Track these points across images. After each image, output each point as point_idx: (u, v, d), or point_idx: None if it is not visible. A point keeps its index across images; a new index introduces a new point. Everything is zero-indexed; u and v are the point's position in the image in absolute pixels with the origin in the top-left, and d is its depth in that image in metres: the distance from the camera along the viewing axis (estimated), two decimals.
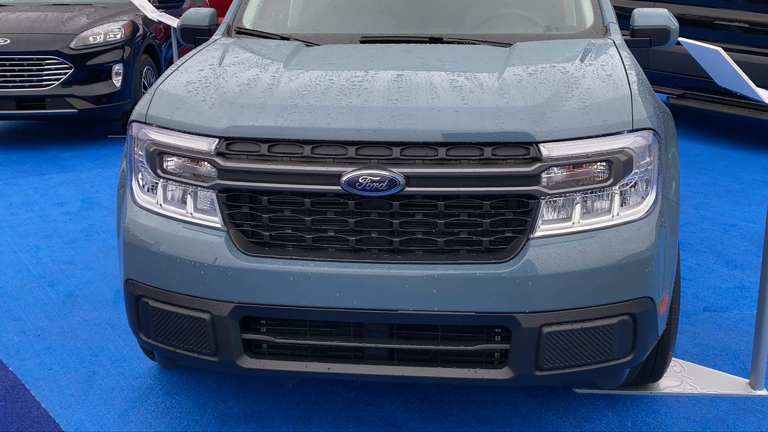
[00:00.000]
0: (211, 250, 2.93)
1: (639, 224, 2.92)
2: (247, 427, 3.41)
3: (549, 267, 2.81)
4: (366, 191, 2.79)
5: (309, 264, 2.86)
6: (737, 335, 4.21)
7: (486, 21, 4.25)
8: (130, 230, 3.10)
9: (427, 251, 2.88)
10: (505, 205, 2.85)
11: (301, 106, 2.97)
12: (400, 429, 3.39)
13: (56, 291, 4.81)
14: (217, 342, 2.96)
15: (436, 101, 2.95)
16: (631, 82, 3.15)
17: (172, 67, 3.50)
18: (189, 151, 2.97)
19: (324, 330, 2.97)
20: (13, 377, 3.83)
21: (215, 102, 3.06)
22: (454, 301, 2.82)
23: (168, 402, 3.60)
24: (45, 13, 8.72)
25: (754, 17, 8.22)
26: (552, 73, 3.20)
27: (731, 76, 3.35)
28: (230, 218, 2.94)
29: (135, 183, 3.17)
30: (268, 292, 2.88)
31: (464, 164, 2.80)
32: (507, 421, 3.45)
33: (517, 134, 2.81)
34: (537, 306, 2.81)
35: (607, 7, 4.14)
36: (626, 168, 2.89)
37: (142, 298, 3.07)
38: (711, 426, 3.41)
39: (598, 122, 2.90)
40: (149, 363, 3.92)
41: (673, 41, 4.13)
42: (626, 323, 2.90)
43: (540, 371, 2.89)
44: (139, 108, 3.19)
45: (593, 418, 3.46)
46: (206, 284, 2.93)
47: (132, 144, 3.17)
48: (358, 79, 3.17)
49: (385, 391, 3.66)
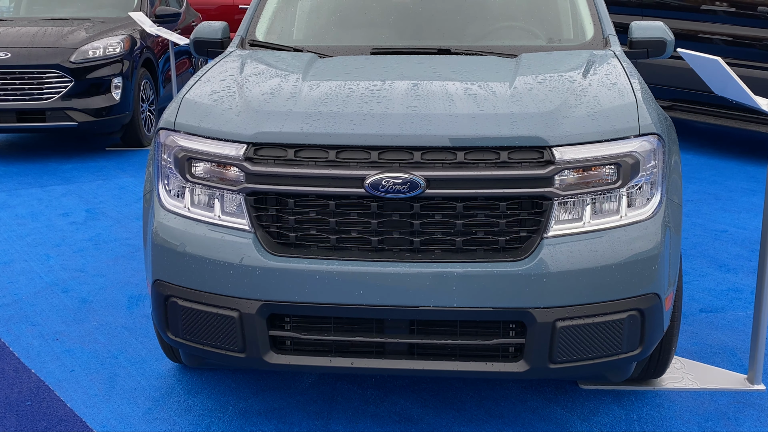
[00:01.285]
0: (239, 250, 3.06)
1: (645, 224, 3.08)
2: (269, 424, 3.54)
3: (562, 265, 2.97)
4: (389, 193, 2.94)
5: (334, 263, 3.00)
6: (733, 334, 4.38)
7: (489, 34, 4.41)
8: (159, 233, 3.23)
9: (446, 250, 3.03)
10: (520, 206, 3.00)
11: (325, 113, 3.12)
12: (416, 424, 3.53)
13: (70, 297, 4.92)
14: (244, 339, 3.09)
15: (453, 108, 3.11)
16: (635, 90, 3.32)
17: (195, 77, 3.64)
18: (218, 156, 3.11)
19: (346, 326, 3.11)
20: (37, 379, 3.94)
21: (241, 110, 3.21)
22: (473, 298, 2.97)
23: (190, 401, 3.72)
24: (44, 27, 8.84)
25: (735, 30, 8.46)
26: (560, 82, 3.37)
27: (729, 85, 3.53)
28: (257, 220, 3.08)
29: (162, 188, 3.30)
30: (295, 290, 3.01)
31: (481, 167, 2.96)
32: (518, 415, 3.59)
33: (531, 139, 2.98)
34: (551, 302, 2.97)
35: (606, 19, 4.32)
36: (633, 171, 3.05)
37: (170, 297, 3.20)
38: (712, 419, 3.57)
39: (607, 128, 3.06)
40: (169, 364, 4.04)
41: (669, 52, 4.31)
42: (634, 318, 3.06)
43: (554, 364, 3.04)
44: (167, 116, 3.33)
45: (600, 412, 3.61)
46: (234, 283, 3.06)
47: (159, 150, 3.30)
48: (376, 87, 3.32)
49: (399, 388, 3.80)
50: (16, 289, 5.07)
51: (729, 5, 8.54)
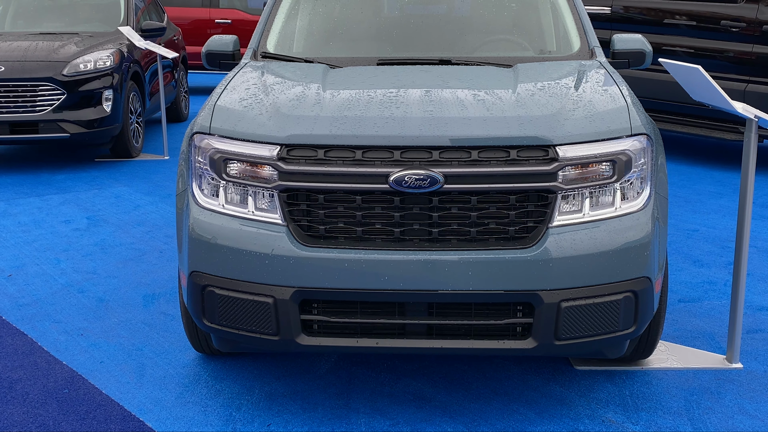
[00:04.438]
0: (273, 242, 3.38)
1: (638, 215, 3.45)
2: (294, 404, 3.84)
3: (566, 251, 3.32)
4: (411, 189, 3.28)
5: (361, 252, 3.33)
6: (710, 321, 4.77)
7: (482, 46, 4.77)
8: (195, 229, 3.53)
9: (462, 240, 3.37)
10: (528, 199, 3.36)
11: (350, 117, 3.45)
12: (429, 402, 3.85)
13: (87, 297, 5.18)
14: (278, 322, 3.40)
15: (466, 112, 3.46)
16: (625, 96, 3.70)
17: (221, 87, 3.94)
18: (252, 157, 3.43)
19: (370, 310, 3.43)
20: (69, 370, 4.20)
21: (272, 115, 3.53)
22: (487, 282, 3.31)
23: (218, 386, 4.01)
24: (35, 42, 9.07)
25: (697, 43, 8.96)
26: (558, 89, 3.73)
27: (708, 91, 3.91)
28: (290, 214, 3.40)
29: (196, 187, 3.60)
30: (325, 277, 3.33)
31: (494, 164, 3.31)
32: (521, 393, 3.93)
33: (537, 138, 3.33)
34: (556, 284, 3.32)
35: (591, 32, 4.70)
36: (627, 167, 3.42)
37: (207, 287, 3.50)
38: (697, 393, 3.93)
39: (603, 128, 3.44)
40: (193, 354, 4.33)
41: (648, 62, 4.70)
42: (629, 299, 3.42)
43: (559, 341, 3.38)
44: (201, 121, 3.63)
45: (595, 389, 3.97)
46: (269, 272, 3.37)
47: (194, 153, 3.61)
48: (393, 94, 3.66)
49: (410, 371, 4.12)
50: (33, 290, 5.32)
51: (690, 20, 9.05)
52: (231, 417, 3.73)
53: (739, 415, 3.74)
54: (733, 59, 8.71)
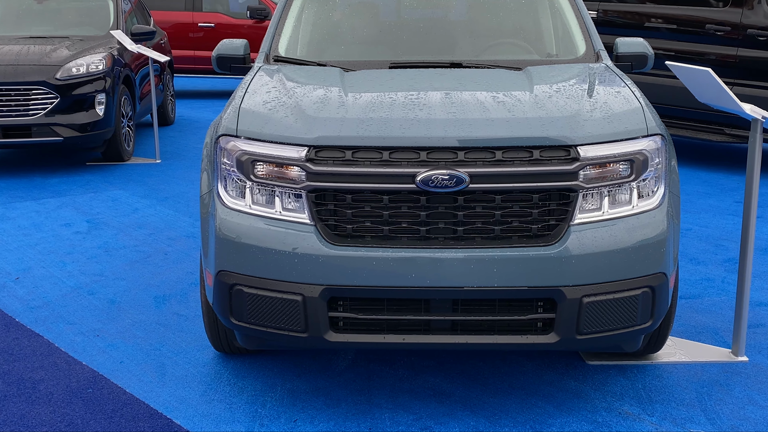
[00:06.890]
0: (302, 241, 3.46)
1: (654, 213, 3.57)
2: (317, 400, 3.92)
3: (587, 248, 3.43)
4: (437, 188, 3.37)
5: (388, 251, 3.42)
6: (712, 316, 4.90)
7: (490, 48, 4.87)
8: (222, 229, 3.60)
9: (486, 238, 3.47)
10: (550, 197, 3.46)
11: (376, 119, 3.53)
12: (449, 397, 3.94)
13: (98, 299, 5.22)
14: (307, 320, 3.48)
15: (488, 113, 3.56)
16: (638, 97, 3.82)
17: (241, 90, 3.99)
18: (280, 158, 3.50)
19: (396, 306, 3.51)
20: (90, 370, 4.25)
21: (298, 117, 3.61)
22: (510, 279, 3.41)
23: (240, 383, 4.08)
24: (27, 46, 9.06)
25: (681, 46, 9.15)
26: (573, 90, 3.84)
27: (717, 93, 4.04)
28: (317, 214, 3.48)
29: (222, 188, 3.67)
30: (353, 275, 3.42)
31: (517, 164, 3.41)
32: (538, 388, 4.04)
33: (559, 139, 3.44)
34: (578, 280, 3.43)
35: (595, 36, 4.82)
36: (644, 166, 3.54)
37: (235, 286, 3.57)
38: (707, 385, 4.06)
39: (621, 129, 3.55)
40: (212, 353, 4.39)
41: (649, 65, 4.83)
42: (647, 294, 3.53)
43: (580, 335, 3.49)
44: (227, 124, 3.70)
45: (609, 383, 4.08)
46: (298, 270, 3.45)
47: (220, 155, 3.68)
48: (413, 96, 3.75)
49: (427, 368, 4.21)
50: (43, 292, 5.35)
51: (673, 23, 9.25)
52: (257, 413, 3.80)
53: (749, 405, 3.87)
54: (717, 62, 8.90)
